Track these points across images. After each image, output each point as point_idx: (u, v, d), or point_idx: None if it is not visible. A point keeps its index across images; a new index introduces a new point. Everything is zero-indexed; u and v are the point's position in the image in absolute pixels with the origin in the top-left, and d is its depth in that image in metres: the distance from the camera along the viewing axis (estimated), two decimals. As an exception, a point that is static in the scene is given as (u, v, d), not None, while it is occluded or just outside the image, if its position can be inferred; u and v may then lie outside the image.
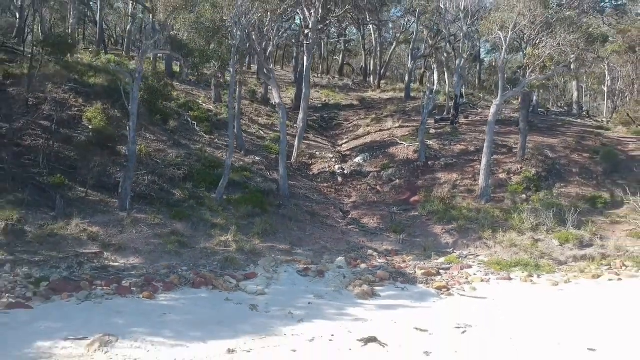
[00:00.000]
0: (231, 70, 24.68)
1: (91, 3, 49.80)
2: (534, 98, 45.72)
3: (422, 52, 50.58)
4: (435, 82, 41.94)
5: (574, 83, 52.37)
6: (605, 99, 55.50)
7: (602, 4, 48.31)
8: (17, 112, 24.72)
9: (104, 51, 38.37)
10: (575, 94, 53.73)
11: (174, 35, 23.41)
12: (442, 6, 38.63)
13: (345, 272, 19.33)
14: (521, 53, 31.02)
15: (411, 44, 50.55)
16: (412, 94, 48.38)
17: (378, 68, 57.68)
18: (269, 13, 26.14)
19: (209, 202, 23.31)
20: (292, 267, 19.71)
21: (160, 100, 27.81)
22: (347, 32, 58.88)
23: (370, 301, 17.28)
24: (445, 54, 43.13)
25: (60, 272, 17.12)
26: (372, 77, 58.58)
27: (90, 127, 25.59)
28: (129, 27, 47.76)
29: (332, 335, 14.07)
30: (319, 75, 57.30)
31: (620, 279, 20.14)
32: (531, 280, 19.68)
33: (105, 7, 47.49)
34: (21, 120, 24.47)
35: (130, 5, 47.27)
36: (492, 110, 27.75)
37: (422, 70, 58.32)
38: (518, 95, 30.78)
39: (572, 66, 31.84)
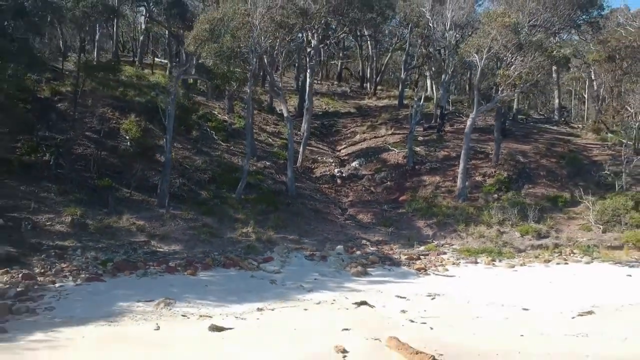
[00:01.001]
0: (248, 90, 29.38)
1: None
2: (514, 106, 50.37)
3: (414, 63, 55.24)
4: (428, 89, 46.29)
5: (556, 91, 56.66)
6: (586, 105, 60.15)
7: (578, 20, 52.46)
8: (66, 125, 29.39)
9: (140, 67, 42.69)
10: (557, 101, 57.64)
11: (201, 62, 28.06)
12: (430, 24, 43.36)
13: (343, 257, 24.09)
14: (496, 72, 35.49)
15: (404, 57, 54.96)
16: (405, 102, 52.84)
17: (374, 76, 61.80)
18: (277, 40, 30.73)
19: (230, 200, 28.00)
20: (300, 253, 24.45)
21: (190, 117, 32.41)
22: (345, 43, 63.17)
23: (363, 278, 22.02)
24: (432, 68, 47.67)
25: (120, 255, 21.83)
26: (369, 83, 62.70)
27: (127, 137, 30.23)
28: (141, 37, 52.01)
29: (334, 300, 18.81)
30: (319, 82, 61.48)
31: (566, 263, 24.96)
32: (493, 264, 24.46)
33: (122, 25, 51.89)
34: (70, 132, 29.10)
35: (143, 19, 51.58)
36: (468, 122, 32.52)
37: (417, 76, 62.54)
38: (492, 108, 35.46)
39: (539, 83, 36.41)
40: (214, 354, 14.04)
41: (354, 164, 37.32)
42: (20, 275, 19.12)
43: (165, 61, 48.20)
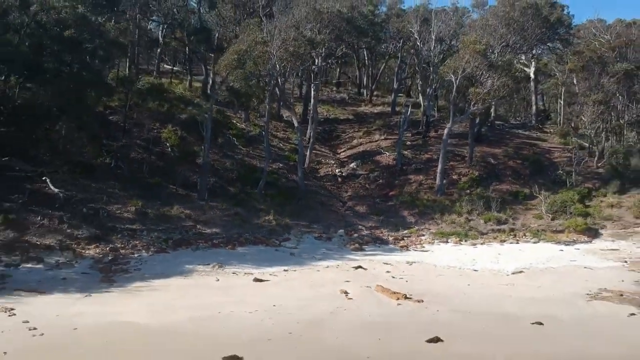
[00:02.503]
0: (267, 106, 36.51)
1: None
2: (492, 113, 57.25)
3: (406, 73, 62.35)
4: (420, 96, 52.90)
5: (533, 98, 63.39)
6: (561, 111, 66.79)
7: (547, 39, 59.25)
8: (120, 135, 36.43)
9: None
10: (534, 107, 64.02)
11: (229, 84, 35.18)
12: (418, 43, 50.49)
13: (344, 238, 31.28)
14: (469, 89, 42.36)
15: (396, 69, 61.89)
16: (397, 108, 59.75)
17: (370, 84, 68.42)
18: (289, 64, 37.74)
19: (253, 195, 35.07)
20: (311, 235, 31.64)
21: (221, 129, 39.46)
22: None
23: (359, 253, 29.19)
24: (420, 81, 54.71)
25: (176, 235, 28.95)
26: (365, 90, 69.26)
27: (167, 144, 37.28)
28: (159, 50, 58.77)
29: (338, 265, 25.98)
30: (319, 88, 68.25)
31: (517, 242, 32.18)
32: (460, 243, 31.67)
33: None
34: (123, 140, 36.17)
35: (160, 33, 58.05)
36: (445, 131, 39.73)
37: (410, 82, 68.99)
38: (466, 120, 42.61)
39: (506, 98, 43.56)
40: (259, 293, 21.13)
41: (352, 165, 44.41)
42: (108, 248, 26.30)
43: (175, 68, 55.18)
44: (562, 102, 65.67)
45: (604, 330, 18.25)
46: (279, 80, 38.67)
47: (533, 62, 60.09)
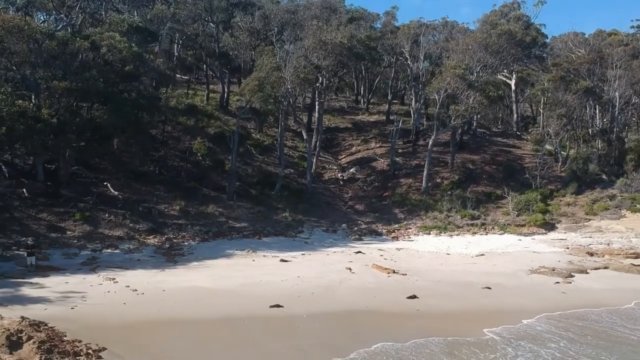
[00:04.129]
0: (281, 123, 44.05)
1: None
2: (474, 123, 64.62)
3: (399, 86, 69.90)
4: (413, 105, 60.13)
5: (514, 106, 70.68)
6: (542, 118, 73.89)
7: (523, 58, 66.58)
8: (158, 146, 43.91)
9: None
10: (515, 116, 71.09)
11: (251, 105, 42.70)
12: (409, 63, 58.10)
13: (346, 231, 38.83)
14: (450, 106, 49.77)
15: (390, 81, 69.30)
16: (391, 117, 67.14)
17: (367, 93, 75.70)
18: (300, 87, 45.25)
19: (271, 196, 42.52)
20: (320, 229, 39.18)
21: (245, 142, 46.92)
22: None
23: (359, 242, 36.73)
24: (412, 95, 62.21)
25: (214, 228, 36.42)
26: (362, 98, 76.43)
27: (198, 154, 44.76)
28: (175, 63, 66.22)
29: (342, 251, 33.52)
30: (324, 105, 75.56)
31: (486, 234, 39.73)
32: (439, 234, 39.23)
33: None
34: (163, 150, 43.66)
35: (176, 48, 65.52)
36: (430, 142, 47.28)
37: (403, 91, 76.07)
38: (449, 131, 50.18)
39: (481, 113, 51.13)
40: (286, 269, 28.62)
41: (352, 170, 51.97)
42: (164, 238, 33.81)
43: (186, 77, 62.78)
44: (541, 110, 73.24)
45: (534, 292, 25.88)
46: (291, 100, 46.18)
47: (514, 75, 67.21)
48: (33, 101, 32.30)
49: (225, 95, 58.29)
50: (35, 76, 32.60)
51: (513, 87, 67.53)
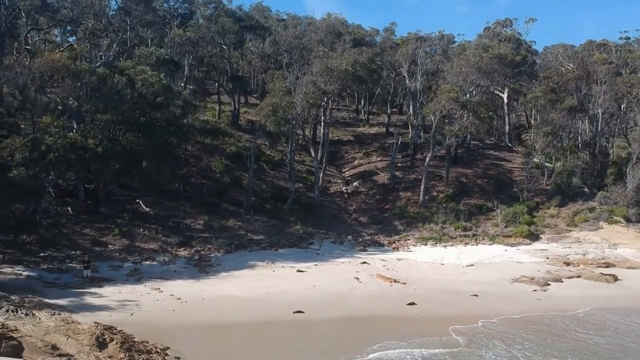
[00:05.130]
0: (291, 143, 48.71)
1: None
2: (468, 136, 69.12)
3: (398, 101, 74.59)
4: (411, 117, 64.71)
5: (506, 119, 75.27)
6: (533, 131, 78.22)
7: (514, 76, 71.04)
8: (181, 165, 48.51)
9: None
10: (507, 127, 75.56)
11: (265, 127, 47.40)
12: (407, 82, 62.79)
13: (352, 242, 43.56)
14: (445, 127, 54.39)
15: (389, 97, 73.91)
16: (390, 129, 71.65)
17: (367, 105, 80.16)
18: (307, 110, 49.89)
19: (284, 210, 47.19)
20: (329, 240, 43.88)
21: (260, 160, 51.59)
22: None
23: (364, 252, 41.43)
24: (410, 109, 66.82)
25: (235, 241, 41.08)
26: (363, 110, 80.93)
27: (216, 170, 49.40)
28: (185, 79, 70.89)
29: (350, 261, 38.25)
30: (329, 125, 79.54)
31: (477, 245, 44.47)
32: (435, 245, 43.97)
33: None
34: (185, 168, 48.29)
35: (187, 63, 70.05)
36: (427, 159, 51.97)
37: (402, 101, 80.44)
38: (444, 149, 54.89)
39: (473, 133, 55.85)
40: (302, 279, 33.29)
41: (355, 183, 56.68)
42: (193, 250, 38.46)
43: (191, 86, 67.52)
44: (532, 120, 77.66)
45: (514, 299, 30.63)
46: (301, 122, 50.89)
47: (506, 88, 71.71)
48: (79, 131, 36.88)
49: (237, 111, 63.13)
50: (81, 109, 37.20)
51: (505, 100, 72.38)
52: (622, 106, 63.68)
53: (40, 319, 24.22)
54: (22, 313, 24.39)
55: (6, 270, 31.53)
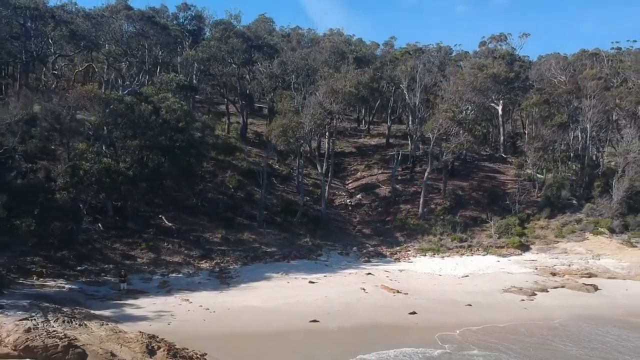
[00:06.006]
0: (298, 160, 52.53)
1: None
2: (464, 151, 72.86)
3: (397, 112, 78.48)
4: (410, 127, 68.48)
5: (501, 129, 79.01)
6: (525, 147, 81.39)
7: (507, 92, 74.75)
8: (198, 181, 52.30)
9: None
10: (502, 138, 79.13)
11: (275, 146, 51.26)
12: (406, 99, 66.64)
13: (357, 253, 47.43)
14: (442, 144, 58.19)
15: (389, 110, 77.65)
16: (390, 140, 75.37)
17: (368, 116, 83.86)
18: (315, 130, 53.73)
19: (293, 223, 51.01)
20: (335, 252, 47.75)
21: (273, 178, 55.42)
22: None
23: (368, 264, 45.31)
24: (409, 124, 70.57)
25: (250, 253, 44.88)
26: (363, 121, 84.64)
27: (230, 186, 53.21)
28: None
29: (356, 272, 42.11)
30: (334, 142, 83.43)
31: (472, 255, 48.34)
32: (433, 256, 47.83)
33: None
34: (202, 184, 52.07)
35: (195, 78, 74.08)
36: (426, 174, 55.82)
37: (401, 111, 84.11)
38: (441, 164, 58.76)
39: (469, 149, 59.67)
40: (314, 289, 37.10)
41: (358, 196, 60.52)
42: (213, 263, 42.26)
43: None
44: (525, 131, 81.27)
45: (504, 308, 34.49)
46: (309, 140, 54.75)
47: (501, 101, 75.33)
48: (109, 155, 40.68)
49: (245, 126, 67.07)
50: (112, 135, 41.01)
51: (500, 112, 76.22)
52: (612, 117, 67.81)
53: (92, 328, 28.00)
54: (76, 324, 28.14)
55: (50, 284, 35.36)
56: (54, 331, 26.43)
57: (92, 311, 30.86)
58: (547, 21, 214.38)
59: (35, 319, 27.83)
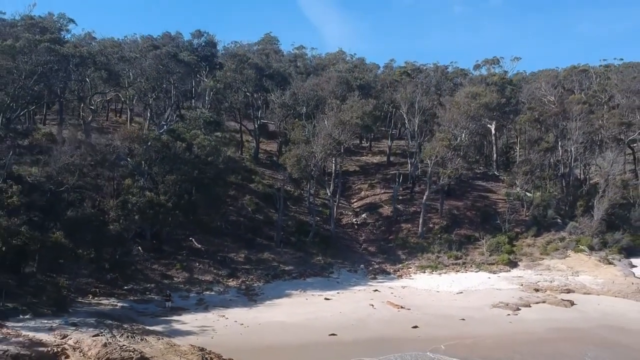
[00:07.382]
0: (310, 185, 58.65)
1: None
2: (459, 170, 78.94)
3: (397, 129, 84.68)
4: (409, 147, 74.68)
5: (494, 148, 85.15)
6: (518, 157, 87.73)
7: (497, 116, 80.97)
8: (223, 206, 58.29)
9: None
10: (495, 156, 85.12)
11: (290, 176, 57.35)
12: (406, 123, 72.78)
13: (365, 271, 53.56)
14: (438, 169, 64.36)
15: (390, 131, 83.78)
16: (391, 159, 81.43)
17: (370, 134, 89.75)
18: (324, 157, 59.81)
19: (307, 242, 57.06)
20: (345, 269, 53.86)
21: (288, 201, 61.50)
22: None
23: (374, 280, 51.43)
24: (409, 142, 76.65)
25: (271, 272, 50.93)
26: (365, 137, 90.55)
27: (249, 208, 59.27)
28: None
29: (364, 289, 48.24)
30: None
31: (466, 272, 54.49)
32: (432, 273, 53.96)
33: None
34: (223, 208, 58.09)
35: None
36: (424, 197, 61.96)
37: (400, 127, 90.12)
38: (439, 187, 64.88)
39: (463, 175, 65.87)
40: (330, 305, 43.14)
41: (363, 215, 66.61)
42: (240, 281, 48.31)
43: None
44: (518, 150, 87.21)
45: (493, 323, 40.60)
46: (320, 167, 60.87)
47: (494, 122, 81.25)
48: (150, 188, 46.70)
49: (257, 149, 73.26)
50: (152, 171, 47.07)
51: (493, 131, 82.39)
52: (597, 138, 74.01)
53: (151, 342, 33.94)
54: (138, 338, 34.08)
55: (104, 302, 41.35)
56: (123, 345, 32.45)
57: (147, 327, 36.79)
58: (543, 20, 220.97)
59: (104, 335, 33.84)
